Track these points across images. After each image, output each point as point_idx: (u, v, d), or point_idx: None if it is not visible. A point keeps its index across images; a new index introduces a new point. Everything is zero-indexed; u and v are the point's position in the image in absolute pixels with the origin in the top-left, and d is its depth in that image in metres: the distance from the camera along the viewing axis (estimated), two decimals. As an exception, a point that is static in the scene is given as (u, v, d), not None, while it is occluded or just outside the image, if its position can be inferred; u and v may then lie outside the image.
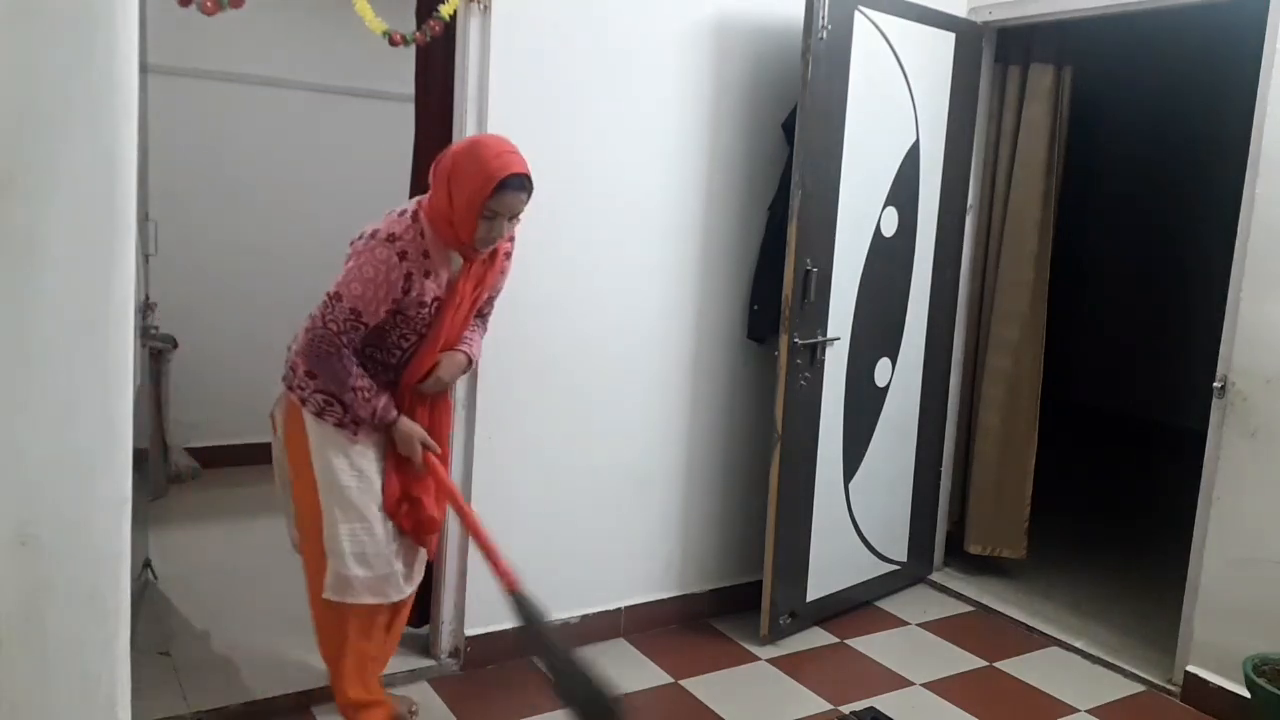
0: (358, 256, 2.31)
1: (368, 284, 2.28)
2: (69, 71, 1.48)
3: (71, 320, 1.52)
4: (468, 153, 2.30)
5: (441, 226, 2.32)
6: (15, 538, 1.51)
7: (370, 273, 2.28)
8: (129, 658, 1.66)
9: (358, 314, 2.30)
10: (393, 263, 2.28)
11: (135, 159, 1.59)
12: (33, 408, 1.51)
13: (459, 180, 2.27)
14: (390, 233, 2.30)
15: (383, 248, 2.28)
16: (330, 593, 2.43)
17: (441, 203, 2.31)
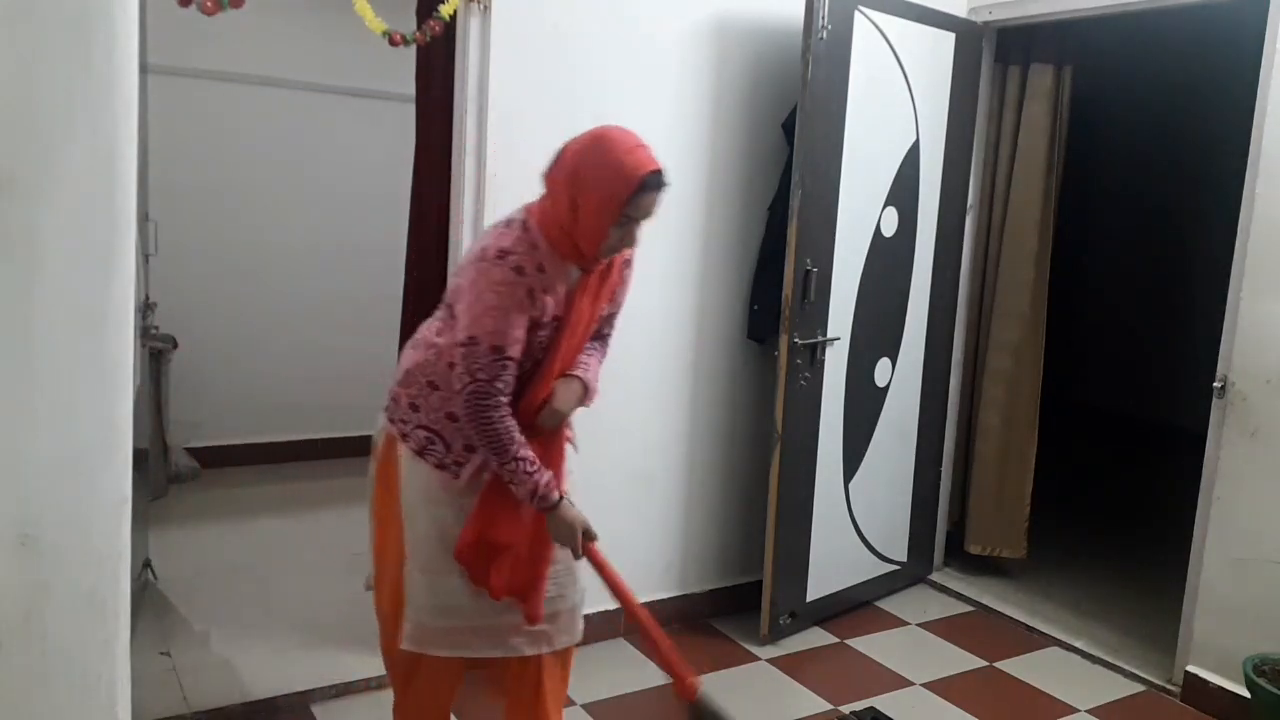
0: (473, 286, 1.99)
1: (495, 313, 1.96)
2: (69, 71, 1.48)
3: (71, 320, 1.52)
4: (593, 150, 2.01)
5: (558, 236, 2.02)
6: (15, 538, 1.51)
7: (492, 299, 1.96)
8: (129, 658, 1.66)
9: (500, 351, 1.97)
10: (511, 281, 1.97)
11: (135, 159, 1.59)
12: (33, 408, 1.51)
13: (586, 182, 1.98)
14: (500, 248, 1.99)
15: (496, 267, 1.97)
16: (407, 642, 2.15)
17: (560, 210, 2.01)
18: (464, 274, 2.04)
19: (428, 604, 2.13)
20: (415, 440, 2.11)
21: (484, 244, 2.04)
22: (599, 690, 2.99)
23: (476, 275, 1.99)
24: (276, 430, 4.93)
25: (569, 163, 2.02)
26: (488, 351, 1.96)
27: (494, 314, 1.96)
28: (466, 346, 1.98)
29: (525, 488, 2.03)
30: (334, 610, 3.35)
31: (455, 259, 2.91)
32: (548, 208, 2.05)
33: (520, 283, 1.98)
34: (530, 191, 2.94)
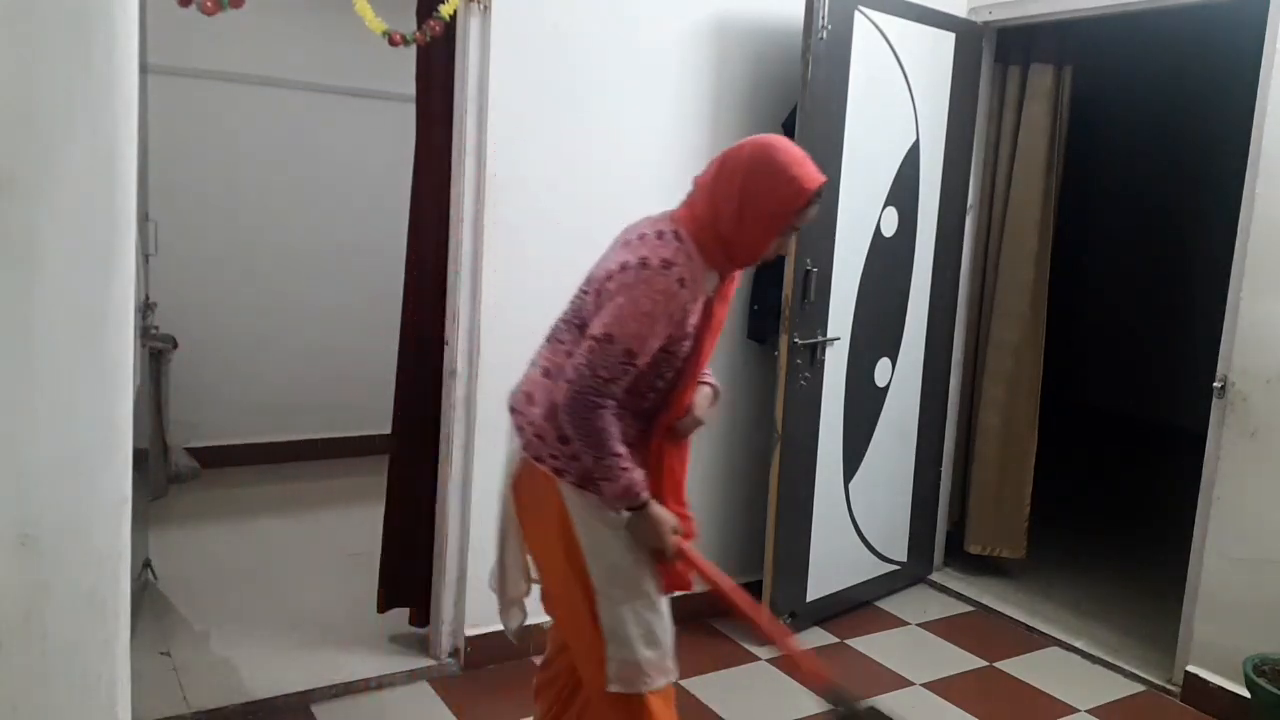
0: (628, 290, 1.94)
1: (644, 319, 1.93)
2: (69, 71, 1.48)
3: (71, 320, 1.52)
4: (764, 161, 1.97)
5: (712, 246, 1.99)
6: (15, 538, 1.51)
7: (648, 306, 1.93)
8: (129, 658, 1.66)
9: (632, 356, 1.94)
10: (673, 292, 1.94)
11: (135, 159, 1.59)
12: (33, 408, 1.51)
13: (756, 193, 1.96)
14: (664, 258, 1.95)
15: (660, 277, 1.93)
16: (618, 685, 2.02)
17: (723, 218, 1.98)
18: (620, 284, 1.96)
19: (636, 635, 2.03)
20: (573, 473, 2.03)
21: (640, 253, 1.97)
22: (599, 690, 2.99)
23: (635, 281, 1.94)
24: (276, 430, 4.93)
25: (735, 173, 1.98)
26: (620, 353, 1.93)
27: (643, 319, 1.93)
28: (600, 342, 1.94)
29: (617, 485, 1.96)
30: (334, 610, 3.35)
31: (455, 259, 2.92)
32: (703, 216, 2.00)
33: (678, 296, 1.95)
34: (530, 191, 2.97)
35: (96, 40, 1.49)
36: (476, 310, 2.93)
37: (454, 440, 2.97)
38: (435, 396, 3.02)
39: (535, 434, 2.07)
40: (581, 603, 2.04)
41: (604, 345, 1.93)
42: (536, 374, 2.12)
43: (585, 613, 2.04)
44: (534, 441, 2.07)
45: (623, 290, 1.95)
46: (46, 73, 1.46)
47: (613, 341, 1.93)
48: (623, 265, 1.98)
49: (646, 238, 2.01)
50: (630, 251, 2.00)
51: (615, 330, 1.93)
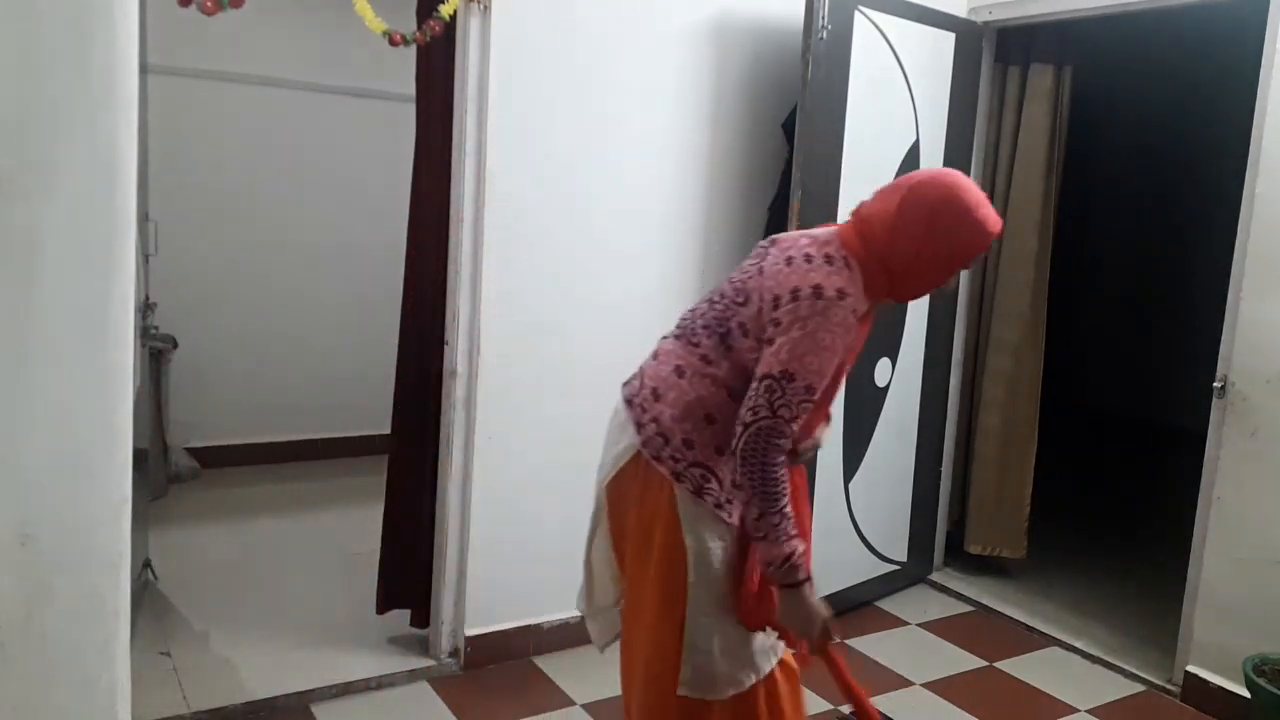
0: (804, 323, 1.86)
1: (824, 354, 1.87)
2: (69, 71, 1.48)
3: (71, 320, 1.52)
4: (952, 201, 1.91)
5: (878, 276, 1.94)
6: (15, 538, 1.51)
7: (827, 340, 1.86)
8: (129, 658, 1.66)
9: (812, 391, 1.88)
10: (849, 324, 1.89)
11: (135, 159, 1.59)
12: (33, 408, 1.51)
13: (941, 233, 1.90)
14: (839, 288, 1.89)
15: (837, 309, 1.87)
16: (688, 689, 2.01)
17: (899, 252, 1.92)
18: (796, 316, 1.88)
19: (719, 648, 2.00)
20: (692, 480, 1.98)
21: (813, 280, 1.89)
22: (599, 690, 2.99)
23: (811, 313, 1.86)
24: (276, 430, 4.93)
25: (920, 208, 1.91)
26: (801, 390, 1.87)
27: (821, 354, 1.87)
28: (779, 381, 1.86)
29: (779, 549, 1.88)
30: (334, 610, 3.35)
31: (455, 259, 2.91)
32: (877, 247, 1.94)
33: (853, 328, 1.91)
34: (529, 191, 2.97)
35: (96, 40, 1.49)
36: (476, 310, 2.93)
37: (454, 440, 2.97)
38: (435, 396, 3.02)
39: (659, 432, 2.01)
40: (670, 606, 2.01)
41: (784, 384, 1.86)
42: (666, 371, 2.05)
43: (672, 616, 2.00)
44: (655, 440, 2.01)
45: (798, 323, 1.87)
46: (46, 73, 1.46)
47: (793, 379, 1.86)
48: (794, 292, 1.89)
49: (815, 261, 1.92)
50: (800, 276, 1.91)
51: (795, 367, 1.86)
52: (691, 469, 1.98)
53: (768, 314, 1.92)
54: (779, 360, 1.86)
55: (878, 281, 1.95)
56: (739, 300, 2.00)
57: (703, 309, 2.07)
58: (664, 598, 2.01)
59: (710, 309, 2.05)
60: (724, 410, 1.97)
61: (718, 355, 1.99)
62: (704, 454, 1.99)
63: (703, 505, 1.98)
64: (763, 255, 2.04)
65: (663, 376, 2.04)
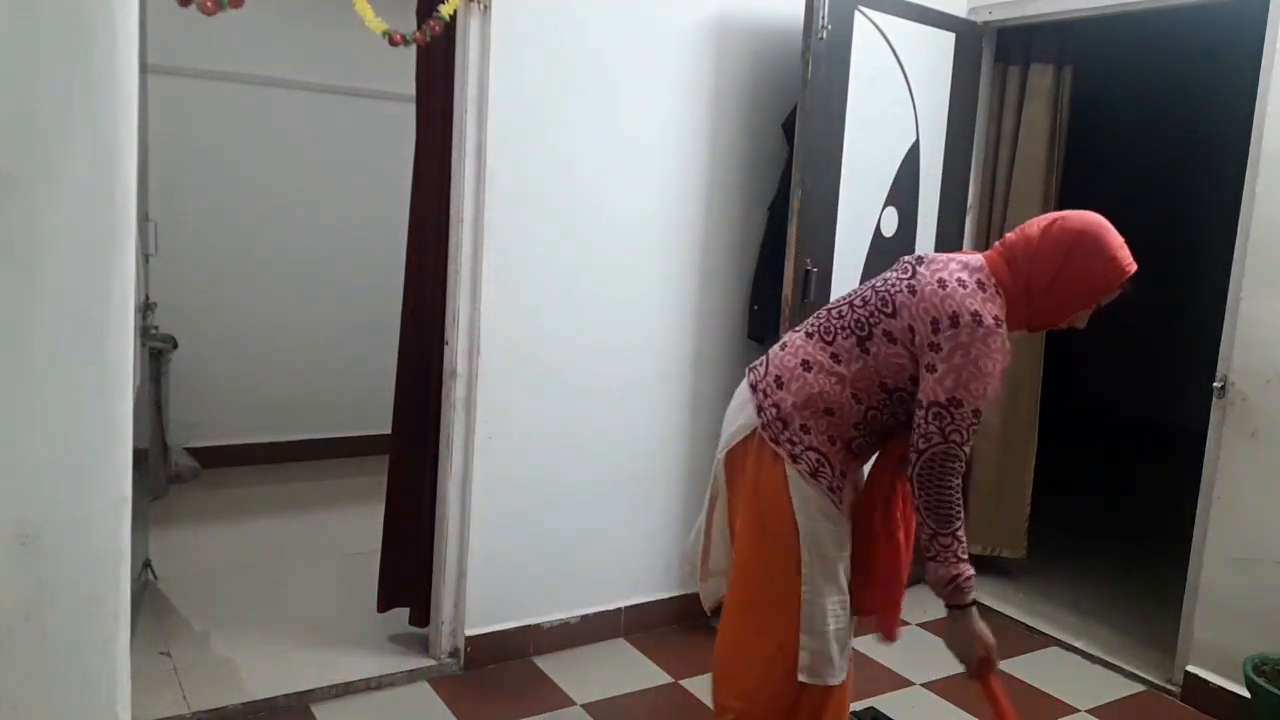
0: (966, 350, 1.95)
1: (987, 380, 1.95)
2: (69, 71, 1.48)
3: (71, 320, 1.52)
4: (1092, 237, 2.01)
5: (1019, 304, 2.04)
6: (15, 538, 1.51)
7: (988, 365, 1.95)
8: (129, 658, 1.66)
9: (979, 415, 1.97)
10: (1006, 350, 1.99)
11: (135, 159, 1.59)
12: (33, 407, 1.51)
13: (1080, 266, 2.00)
14: (995, 316, 1.98)
15: (996, 336, 1.96)
16: (806, 675, 2.10)
17: (1037, 282, 2.03)
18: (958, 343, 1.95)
19: (831, 630, 2.10)
20: (807, 462, 2.08)
21: (971, 306, 1.97)
22: (599, 690, 2.99)
23: (972, 340, 1.95)
24: (276, 430, 4.93)
25: (1064, 241, 2.01)
26: (970, 415, 1.95)
27: (984, 379, 1.95)
28: (947, 408, 1.95)
29: (948, 569, 1.98)
30: (334, 610, 3.35)
31: (455, 259, 2.92)
32: (1021, 275, 2.04)
33: (1009, 353, 2.00)
34: (529, 191, 2.97)
35: (96, 40, 1.49)
36: (476, 310, 2.93)
37: (454, 440, 2.97)
38: (435, 396, 3.02)
39: (779, 417, 2.11)
40: (784, 585, 2.09)
41: (952, 410, 1.94)
42: (793, 363, 2.14)
43: (785, 596, 2.09)
44: (775, 423, 2.11)
45: (959, 350, 1.95)
46: (46, 73, 1.46)
47: (961, 406, 1.94)
48: (954, 318, 1.96)
49: (969, 287, 2.01)
50: (958, 301, 1.98)
51: (962, 394, 1.94)
52: (808, 453, 2.08)
53: (925, 336, 1.99)
54: (945, 388, 1.95)
55: (1019, 310, 2.04)
56: (885, 310, 2.08)
57: (842, 310, 2.16)
58: (776, 577, 2.10)
59: (851, 312, 2.14)
60: (843, 407, 2.08)
61: (850, 356, 2.08)
62: (819, 440, 2.08)
63: (817, 487, 2.07)
64: (909, 272, 2.11)
65: (789, 367, 2.14)
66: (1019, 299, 2.03)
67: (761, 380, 2.18)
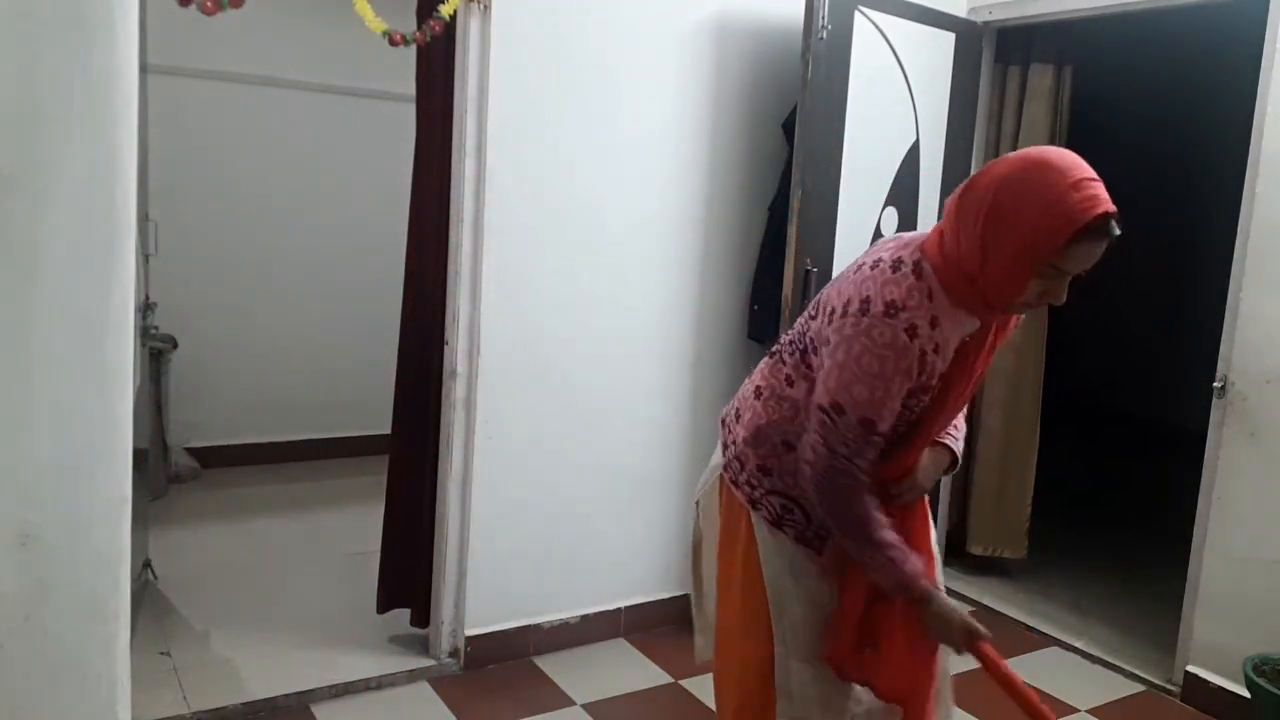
0: (847, 345, 1.63)
1: (872, 381, 1.62)
2: (69, 71, 1.48)
3: (71, 321, 1.52)
4: (1024, 179, 1.56)
5: (958, 283, 1.63)
6: (15, 538, 1.51)
7: (873, 365, 1.61)
8: (129, 658, 1.66)
9: (871, 427, 1.64)
10: (900, 345, 1.61)
11: (135, 159, 1.59)
12: (33, 408, 1.51)
13: (1007, 219, 1.55)
14: (890, 301, 1.61)
15: (882, 326, 1.60)
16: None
17: (965, 250, 1.61)
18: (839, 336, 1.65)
19: (814, 696, 1.81)
20: (769, 509, 1.81)
21: (865, 291, 1.64)
22: (599, 690, 2.99)
23: (854, 334, 1.62)
24: (276, 430, 4.93)
25: (986, 191, 1.59)
26: (855, 425, 1.64)
27: (870, 382, 1.62)
28: (829, 415, 1.66)
29: (888, 577, 1.70)
30: (334, 610, 3.35)
31: (455, 259, 2.92)
32: (949, 246, 1.64)
33: (909, 347, 1.61)
34: (529, 191, 2.97)
35: (96, 40, 1.49)
36: (476, 310, 2.93)
37: (454, 440, 2.97)
38: (435, 396, 3.02)
39: (736, 455, 1.87)
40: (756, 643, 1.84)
41: (833, 418, 1.65)
42: (749, 390, 1.89)
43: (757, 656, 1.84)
44: (733, 463, 1.87)
45: (842, 345, 1.64)
46: (46, 73, 1.46)
47: (842, 412, 1.64)
48: (845, 306, 1.65)
49: (881, 267, 1.67)
50: (856, 285, 1.67)
51: (842, 398, 1.64)
52: (769, 497, 1.81)
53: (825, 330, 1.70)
54: (826, 389, 1.66)
55: (960, 286, 1.64)
56: (812, 313, 1.79)
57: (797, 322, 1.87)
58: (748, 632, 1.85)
59: (799, 323, 1.85)
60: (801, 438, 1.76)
61: (799, 376, 1.79)
62: (786, 482, 1.80)
63: (781, 538, 1.81)
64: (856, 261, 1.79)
65: (746, 396, 1.90)
66: (957, 275, 1.63)
67: (729, 413, 1.94)
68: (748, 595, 1.85)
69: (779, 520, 1.81)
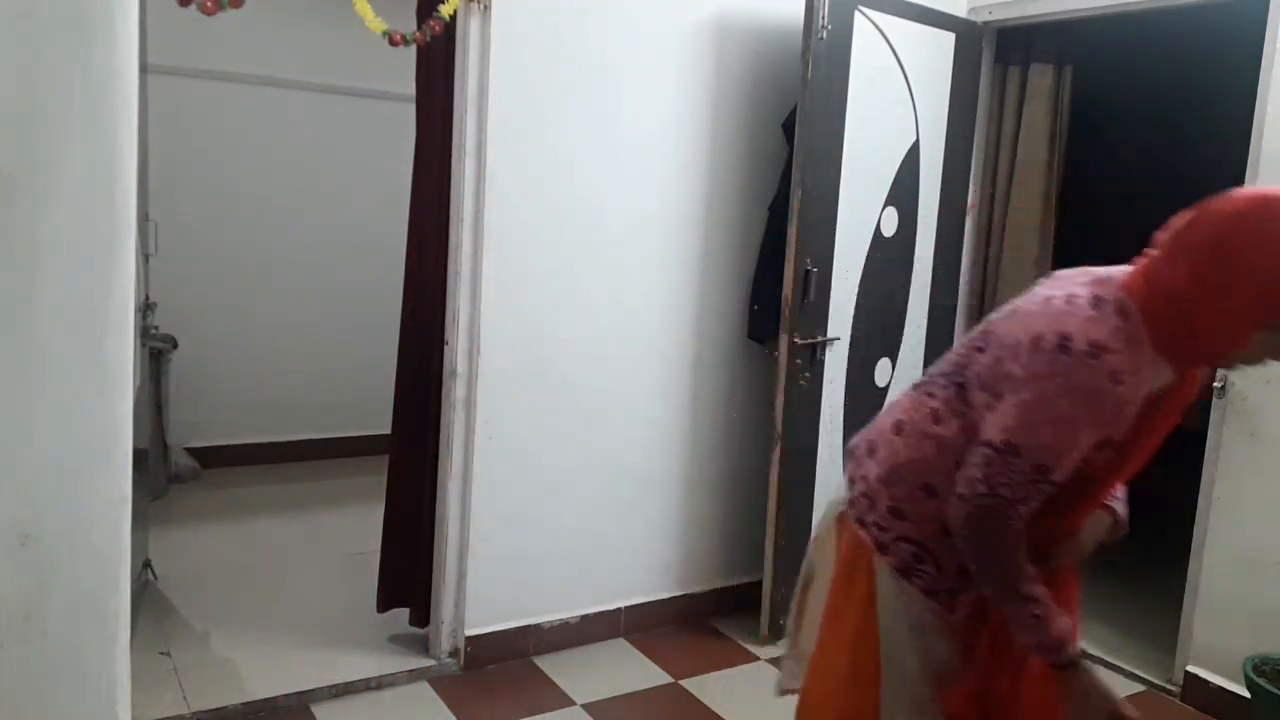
0: (1039, 384, 1.48)
1: (1061, 426, 1.48)
2: (69, 71, 1.48)
3: (71, 321, 1.52)
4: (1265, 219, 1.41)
5: (1169, 325, 1.48)
6: (15, 538, 1.51)
7: (1065, 409, 1.46)
8: (129, 658, 1.66)
9: (1045, 472, 1.50)
10: (1101, 391, 1.46)
11: (135, 159, 1.59)
12: (33, 407, 1.51)
13: (1240, 263, 1.40)
14: (1094, 341, 1.46)
15: (1084, 368, 1.45)
16: None
17: (1186, 293, 1.45)
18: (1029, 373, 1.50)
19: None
20: (898, 555, 1.66)
21: (1063, 327, 1.48)
22: (599, 690, 2.99)
23: (1050, 372, 1.47)
24: (276, 430, 4.93)
25: (1214, 228, 1.44)
26: (1029, 469, 1.49)
27: (1059, 427, 1.48)
28: (999, 452, 1.50)
29: (1031, 634, 1.54)
30: (334, 610, 3.35)
31: (455, 259, 2.92)
32: (1160, 286, 1.48)
33: (1110, 394, 1.46)
34: (529, 191, 2.97)
35: (96, 40, 1.49)
36: (476, 310, 2.93)
37: (454, 440, 2.97)
38: (435, 396, 3.02)
39: (865, 493, 1.73)
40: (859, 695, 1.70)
41: (1005, 456, 1.49)
42: (887, 423, 1.74)
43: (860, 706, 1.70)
44: (861, 501, 1.73)
45: (1032, 382, 1.48)
46: (46, 73, 1.46)
47: (1018, 454, 1.49)
48: (1036, 341, 1.49)
49: (1077, 301, 1.51)
50: (1050, 319, 1.50)
51: (1021, 439, 1.49)
52: (899, 543, 1.66)
53: (1006, 365, 1.54)
54: (1002, 427, 1.51)
55: (1170, 331, 1.48)
56: (978, 345, 1.63)
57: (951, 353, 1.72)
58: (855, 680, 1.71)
59: (954, 353, 1.70)
60: (947, 484, 1.60)
61: (950, 412, 1.63)
62: (920, 529, 1.65)
63: (907, 588, 1.65)
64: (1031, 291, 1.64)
65: (882, 429, 1.75)
66: (1167, 317, 1.47)
67: (859, 445, 1.79)
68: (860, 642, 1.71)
69: (907, 569, 1.66)
